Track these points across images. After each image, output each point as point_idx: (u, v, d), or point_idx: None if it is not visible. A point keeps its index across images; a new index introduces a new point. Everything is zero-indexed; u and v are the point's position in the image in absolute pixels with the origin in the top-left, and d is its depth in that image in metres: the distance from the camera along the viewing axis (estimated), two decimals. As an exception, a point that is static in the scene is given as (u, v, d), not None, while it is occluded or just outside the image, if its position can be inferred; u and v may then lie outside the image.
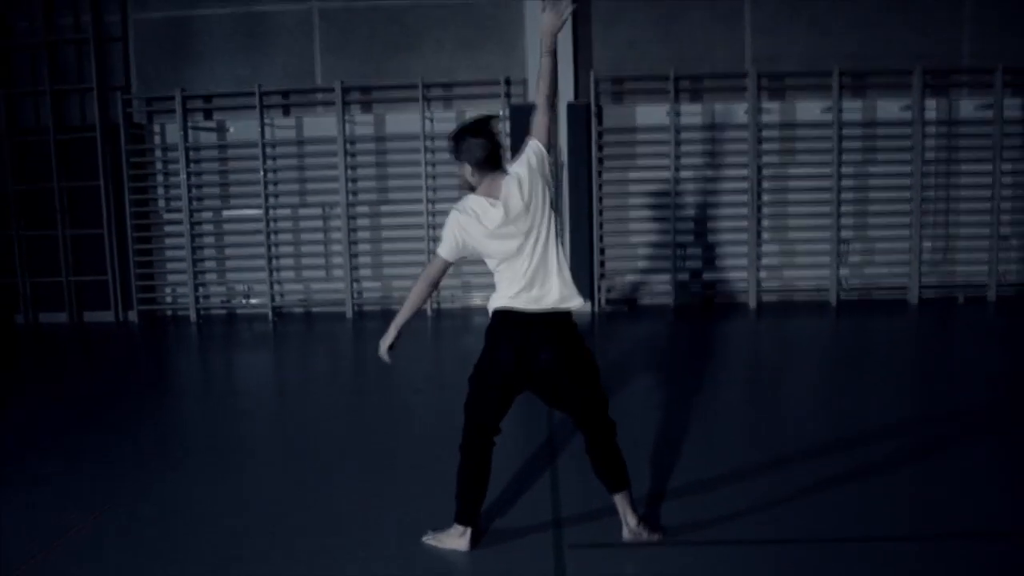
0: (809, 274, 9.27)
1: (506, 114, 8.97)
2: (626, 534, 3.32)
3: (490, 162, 3.16)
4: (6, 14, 9.50)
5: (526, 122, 3.25)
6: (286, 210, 9.63)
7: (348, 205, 9.30)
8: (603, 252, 9.19)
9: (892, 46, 8.98)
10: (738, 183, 9.08)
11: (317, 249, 9.76)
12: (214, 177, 9.64)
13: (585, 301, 3.32)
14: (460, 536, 3.32)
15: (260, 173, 9.32)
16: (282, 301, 9.79)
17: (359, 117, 9.48)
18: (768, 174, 9.13)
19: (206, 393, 6.73)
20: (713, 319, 8.61)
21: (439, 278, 3.28)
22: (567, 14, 3.18)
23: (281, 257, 9.73)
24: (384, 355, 3.27)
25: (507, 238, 3.13)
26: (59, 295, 9.63)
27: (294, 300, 9.86)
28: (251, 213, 9.53)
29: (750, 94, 8.85)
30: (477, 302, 9.40)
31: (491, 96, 9.12)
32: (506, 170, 3.19)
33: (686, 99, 9.20)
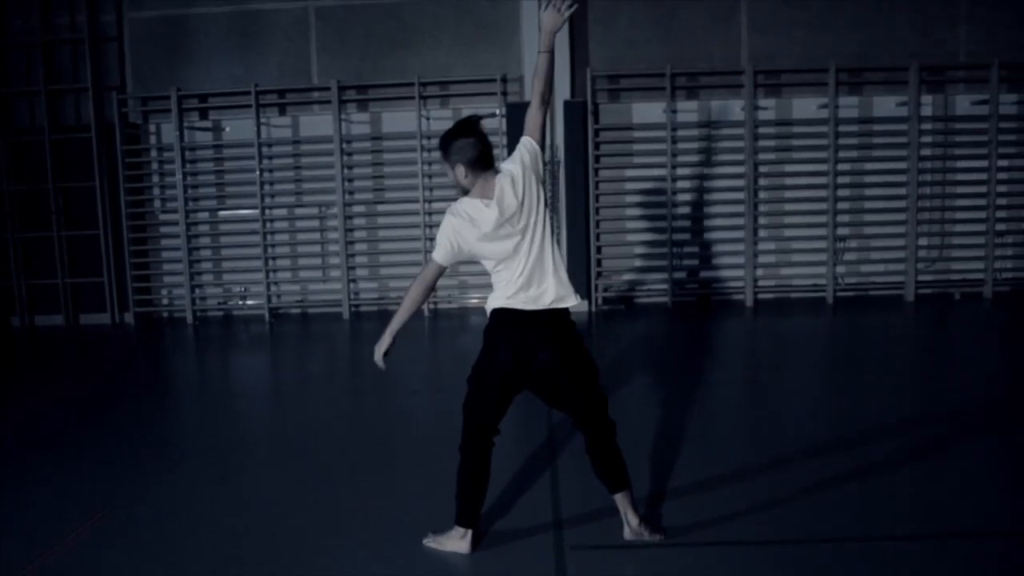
0: (805, 271, 9.28)
1: (503, 112, 8.98)
2: (627, 534, 3.33)
3: (482, 161, 3.15)
4: (1, 14, 9.46)
5: (523, 120, 3.24)
6: (282, 210, 9.61)
7: (344, 204, 9.28)
8: (600, 250, 9.19)
9: (888, 43, 9.01)
10: (734, 180, 9.09)
11: (314, 249, 9.75)
12: (210, 177, 9.61)
13: (582, 300, 3.31)
14: (461, 538, 3.31)
15: (256, 173, 9.30)
16: (279, 302, 9.77)
17: (355, 116, 9.46)
18: (764, 171, 9.13)
19: (204, 394, 6.72)
20: (710, 317, 8.61)
21: (434, 282, 3.26)
22: (568, 14, 3.17)
23: (278, 258, 9.71)
24: (379, 361, 3.26)
25: (504, 239, 3.12)
26: (55, 297, 9.61)
27: (291, 301, 9.84)
28: (247, 213, 9.52)
29: (746, 91, 8.85)
30: (474, 302, 9.40)
31: (488, 94, 9.12)
32: (498, 169, 3.18)
33: (682, 96, 9.21)
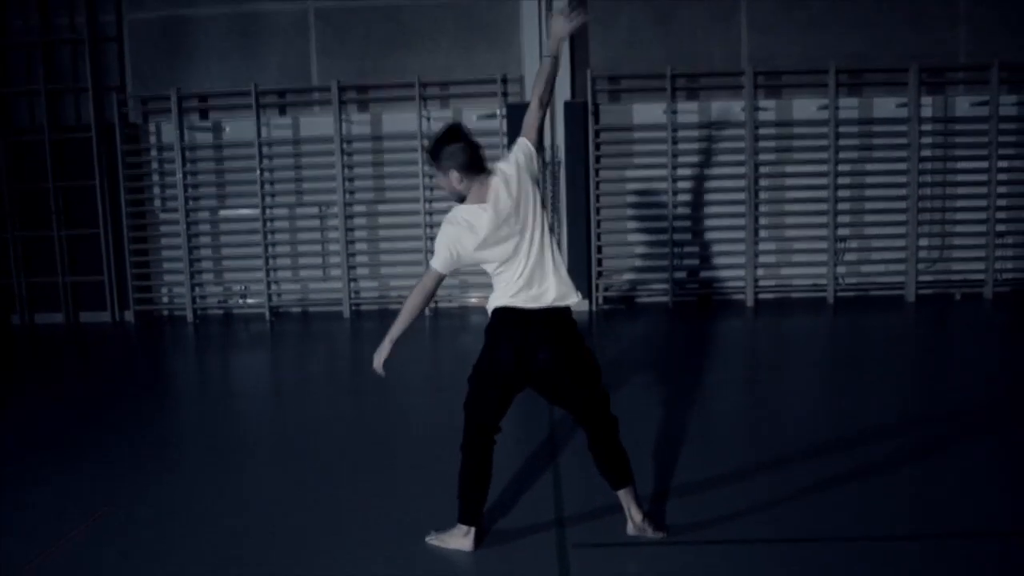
0: (806, 272, 9.28)
1: (503, 112, 8.98)
2: (630, 529, 3.34)
3: (475, 164, 3.17)
4: (1, 14, 9.46)
5: (522, 120, 3.26)
6: (283, 210, 9.60)
7: (345, 204, 9.28)
8: (600, 250, 9.19)
9: (888, 44, 9.00)
10: (735, 181, 9.08)
11: (314, 249, 9.74)
12: (210, 177, 9.61)
13: (583, 299, 3.32)
14: (464, 536, 3.31)
15: (256, 173, 9.30)
16: (279, 301, 9.76)
17: (355, 116, 9.46)
18: (765, 172, 9.13)
19: (204, 394, 6.72)
20: (710, 317, 8.61)
21: (434, 290, 3.26)
22: (578, 23, 3.21)
23: (278, 257, 9.70)
24: (379, 368, 3.27)
25: (503, 240, 3.13)
26: (55, 296, 9.61)
27: (291, 300, 9.84)
28: (248, 213, 9.51)
29: (747, 92, 8.85)
30: (474, 301, 9.40)
31: (488, 95, 9.11)
32: (492, 171, 3.19)
33: (683, 97, 9.21)
